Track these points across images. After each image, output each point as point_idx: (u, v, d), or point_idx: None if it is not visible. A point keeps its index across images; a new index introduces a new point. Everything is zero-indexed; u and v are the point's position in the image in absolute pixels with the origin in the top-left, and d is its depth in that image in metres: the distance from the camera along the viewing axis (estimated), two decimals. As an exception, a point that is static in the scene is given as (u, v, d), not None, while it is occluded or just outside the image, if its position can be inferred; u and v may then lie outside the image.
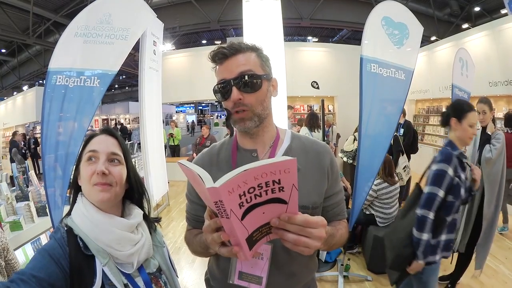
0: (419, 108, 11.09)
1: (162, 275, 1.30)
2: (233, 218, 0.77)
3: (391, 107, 3.85)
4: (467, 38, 8.14)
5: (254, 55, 1.23)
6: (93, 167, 1.16)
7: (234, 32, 17.97)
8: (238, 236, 0.81)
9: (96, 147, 1.19)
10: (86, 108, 3.92)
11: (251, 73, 1.18)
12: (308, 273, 1.39)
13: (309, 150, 1.33)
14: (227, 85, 1.19)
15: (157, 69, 6.74)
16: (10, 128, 17.21)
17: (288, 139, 1.35)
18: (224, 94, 1.20)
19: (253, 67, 1.20)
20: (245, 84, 1.17)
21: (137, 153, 7.77)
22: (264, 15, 4.97)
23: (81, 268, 1.08)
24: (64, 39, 4.02)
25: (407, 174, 5.83)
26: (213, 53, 1.22)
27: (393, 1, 4.00)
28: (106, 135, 1.26)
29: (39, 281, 0.96)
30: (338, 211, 1.39)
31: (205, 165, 1.35)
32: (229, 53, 1.19)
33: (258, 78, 1.20)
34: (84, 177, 1.17)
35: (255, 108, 1.21)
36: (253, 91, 1.19)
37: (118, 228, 1.16)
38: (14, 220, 3.54)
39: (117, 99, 34.35)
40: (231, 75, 1.18)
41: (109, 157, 1.20)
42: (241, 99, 1.18)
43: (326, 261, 4.47)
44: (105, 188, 1.16)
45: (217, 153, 1.39)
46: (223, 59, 1.20)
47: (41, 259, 1.04)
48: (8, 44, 17.31)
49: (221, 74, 1.21)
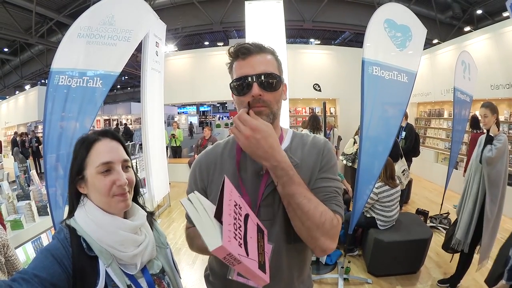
0: (420, 111, 11.06)
1: (165, 276, 1.30)
2: (243, 260, 0.83)
3: (393, 110, 3.84)
4: (469, 41, 8.12)
5: (273, 57, 1.28)
6: (111, 178, 1.15)
7: (236, 34, 17.98)
8: (254, 271, 0.88)
9: (109, 158, 1.17)
10: (88, 109, 3.94)
11: (273, 74, 1.22)
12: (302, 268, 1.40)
13: (306, 142, 1.36)
14: (247, 82, 1.20)
15: (159, 70, 6.75)
16: (12, 127, 17.25)
17: (288, 138, 1.38)
18: (243, 88, 1.22)
19: (273, 68, 1.25)
20: (267, 82, 1.21)
21: (138, 154, 7.77)
22: (267, 17, 4.99)
23: (84, 268, 1.07)
24: (67, 39, 4.04)
25: (406, 177, 5.83)
26: (237, 47, 1.23)
27: (395, 3, 4.00)
28: (111, 140, 1.23)
29: (41, 280, 0.96)
30: (328, 197, 1.26)
31: (209, 166, 1.37)
32: (254, 49, 1.22)
33: (278, 79, 1.24)
34: (101, 190, 1.15)
35: (273, 106, 1.24)
36: (272, 90, 1.22)
37: (122, 229, 1.16)
38: (15, 219, 3.55)
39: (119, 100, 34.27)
40: (253, 71, 1.20)
41: (123, 165, 1.20)
42: (261, 95, 1.20)
43: (327, 263, 4.48)
44: (125, 198, 1.17)
45: (221, 152, 1.40)
46: (246, 55, 1.22)
47: (44, 259, 1.04)
48: (11, 43, 17.33)
49: (242, 69, 1.23)
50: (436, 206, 6.14)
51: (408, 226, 4.39)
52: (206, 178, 1.36)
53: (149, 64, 6.13)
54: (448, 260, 4.41)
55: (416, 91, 10.12)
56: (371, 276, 4.24)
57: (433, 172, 9.62)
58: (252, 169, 1.29)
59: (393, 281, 4.11)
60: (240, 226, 0.90)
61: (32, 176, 4.39)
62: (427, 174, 9.87)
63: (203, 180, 1.36)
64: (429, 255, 4.50)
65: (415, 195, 7.74)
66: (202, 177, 1.37)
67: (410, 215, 4.97)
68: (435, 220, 5.74)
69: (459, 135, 5.92)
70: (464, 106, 5.83)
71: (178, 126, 12.14)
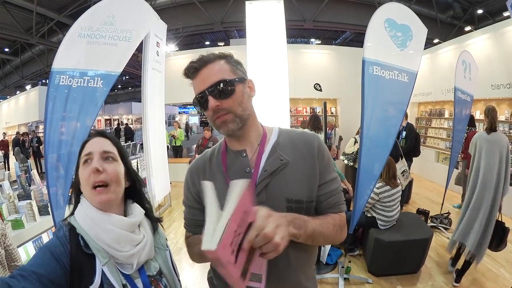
0: (421, 110, 11.05)
1: (162, 278, 1.31)
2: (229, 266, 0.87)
3: (394, 110, 3.84)
4: (469, 41, 8.12)
5: (222, 62, 1.26)
6: (88, 168, 1.18)
7: (237, 34, 18.02)
8: (234, 277, 0.91)
9: (90, 149, 1.22)
10: (89, 108, 3.94)
11: (222, 80, 1.22)
12: (306, 268, 1.40)
13: (296, 141, 1.35)
14: (204, 96, 1.22)
15: (160, 70, 6.75)
16: (12, 127, 17.28)
17: (275, 136, 1.37)
18: (203, 104, 1.24)
19: (224, 74, 1.24)
20: (219, 91, 1.21)
21: (139, 154, 7.78)
22: (267, 16, 4.99)
23: (81, 266, 1.09)
24: (67, 39, 4.04)
25: (405, 178, 5.81)
26: (186, 70, 1.26)
27: (396, 3, 4.00)
28: (99, 137, 1.28)
29: (39, 277, 0.98)
30: (333, 202, 1.36)
31: (199, 170, 1.40)
32: (199, 66, 1.24)
33: (230, 83, 1.23)
34: (83, 180, 1.19)
35: (235, 110, 1.24)
36: (228, 96, 1.22)
37: (117, 226, 1.17)
38: (15, 218, 3.56)
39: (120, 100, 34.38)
40: (204, 86, 1.22)
41: (102, 155, 1.22)
42: (219, 105, 1.21)
43: (327, 263, 4.48)
44: (102, 191, 1.18)
45: (210, 158, 1.42)
46: (195, 73, 1.25)
47: (42, 256, 1.06)
48: (11, 43, 17.38)
49: (197, 87, 1.25)
50: (437, 206, 6.14)
51: (409, 226, 4.39)
52: (198, 182, 1.37)
53: (150, 64, 6.14)
54: (448, 260, 4.41)
55: (417, 91, 10.09)
56: (372, 275, 4.24)
57: (434, 171, 9.61)
58: (238, 168, 1.31)
59: (394, 281, 4.11)
60: (240, 233, 0.92)
61: (33, 176, 4.40)
62: (427, 173, 9.86)
63: (195, 185, 1.38)
64: (429, 255, 4.50)
65: (415, 195, 7.73)
66: (194, 181, 1.39)
67: (410, 215, 4.97)
68: (436, 220, 5.73)
69: (460, 135, 5.92)
70: (465, 106, 5.84)
71: (179, 126, 12.15)
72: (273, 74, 4.79)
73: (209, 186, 1.01)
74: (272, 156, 1.28)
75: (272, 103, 4.72)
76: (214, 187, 1.02)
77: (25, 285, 0.94)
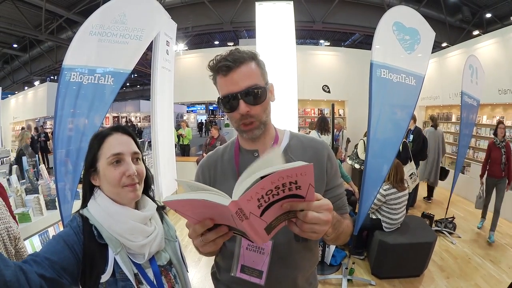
0: (429, 114, 11.01)
1: (172, 268, 1.34)
2: (252, 218, 0.79)
3: (401, 113, 3.85)
4: (477, 45, 8.08)
5: (254, 64, 1.24)
6: (121, 169, 1.21)
7: (246, 34, 18.03)
8: (257, 228, 0.83)
9: (120, 149, 1.23)
10: (99, 106, 3.97)
11: (257, 87, 1.20)
12: (309, 267, 1.42)
13: (307, 148, 1.37)
14: (234, 98, 1.20)
15: (169, 69, 6.80)
16: (20, 122, 17.37)
17: (286, 138, 1.39)
18: (231, 106, 1.22)
19: (257, 80, 1.22)
20: (252, 97, 1.20)
21: (147, 151, 7.82)
22: (277, 17, 5.00)
23: (94, 255, 1.13)
24: (78, 37, 4.08)
25: (413, 181, 5.81)
26: (217, 66, 1.22)
27: (404, 6, 4.01)
28: (122, 134, 1.29)
29: (52, 263, 1.02)
30: (340, 205, 1.40)
31: (210, 166, 1.41)
32: (233, 65, 1.19)
33: (263, 91, 1.23)
34: (111, 181, 1.21)
35: (261, 117, 1.25)
36: (258, 103, 1.22)
37: (132, 219, 1.21)
38: (22, 212, 3.62)
39: (128, 97, 34.46)
40: (238, 89, 1.19)
41: (133, 157, 1.26)
42: (249, 111, 1.20)
43: (331, 264, 4.50)
44: (134, 188, 1.22)
45: (222, 155, 1.43)
46: (227, 71, 1.20)
47: (56, 244, 1.10)
48: (20, 39, 17.46)
49: (227, 87, 1.21)
50: (442, 210, 6.13)
51: (413, 229, 4.40)
52: (209, 179, 1.39)
53: (160, 63, 6.19)
54: (451, 265, 4.42)
55: (425, 95, 10.09)
56: (375, 278, 4.25)
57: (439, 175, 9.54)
58: None
59: (396, 284, 4.12)
60: (274, 195, 0.82)
61: (41, 171, 4.45)
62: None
63: (206, 182, 1.37)
64: (433, 258, 4.51)
65: (421, 199, 7.72)
66: (205, 178, 1.40)
67: (415, 218, 4.97)
68: (440, 224, 5.73)
69: (467, 140, 5.91)
70: (472, 111, 5.82)
71: (187, 125, 12.19)
72: (282, 75, 4.79)
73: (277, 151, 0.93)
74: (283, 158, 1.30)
75: (281, 103, 4.71)
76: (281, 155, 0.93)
77: (38, 269, 0.97)
